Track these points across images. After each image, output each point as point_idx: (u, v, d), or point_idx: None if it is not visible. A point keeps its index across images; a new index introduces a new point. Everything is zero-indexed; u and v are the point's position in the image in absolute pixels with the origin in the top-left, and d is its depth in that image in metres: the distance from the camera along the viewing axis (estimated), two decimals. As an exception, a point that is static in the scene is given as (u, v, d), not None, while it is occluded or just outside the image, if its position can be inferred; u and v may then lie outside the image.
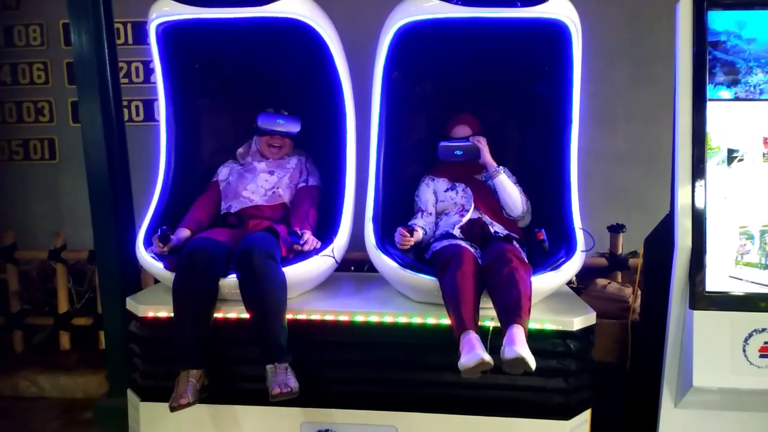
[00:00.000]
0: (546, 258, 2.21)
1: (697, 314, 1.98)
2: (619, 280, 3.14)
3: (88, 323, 3.44)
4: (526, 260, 2.15)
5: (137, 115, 3.90)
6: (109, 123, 2.70)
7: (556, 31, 2.26)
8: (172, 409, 1.98)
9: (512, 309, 1.94)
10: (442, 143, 2.54)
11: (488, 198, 2.52)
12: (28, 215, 3.99)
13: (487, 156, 2.51)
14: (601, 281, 2.95)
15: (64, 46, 3.86)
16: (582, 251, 2.21)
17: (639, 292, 2.62)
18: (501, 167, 2.51)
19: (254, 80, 2.77)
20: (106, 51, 2.67)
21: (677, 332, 2.06)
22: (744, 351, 1.96)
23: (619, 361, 2.58)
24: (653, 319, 2.20)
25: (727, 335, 1.96)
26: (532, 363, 1.81)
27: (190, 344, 2.09)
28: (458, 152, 2.51)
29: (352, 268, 3.10)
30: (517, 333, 1.88)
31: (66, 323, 3.46)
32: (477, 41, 2.45)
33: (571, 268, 2.17)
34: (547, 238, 2.26)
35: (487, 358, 1.83)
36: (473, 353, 1.84)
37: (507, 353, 1.83)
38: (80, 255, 3.46)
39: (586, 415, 2.16)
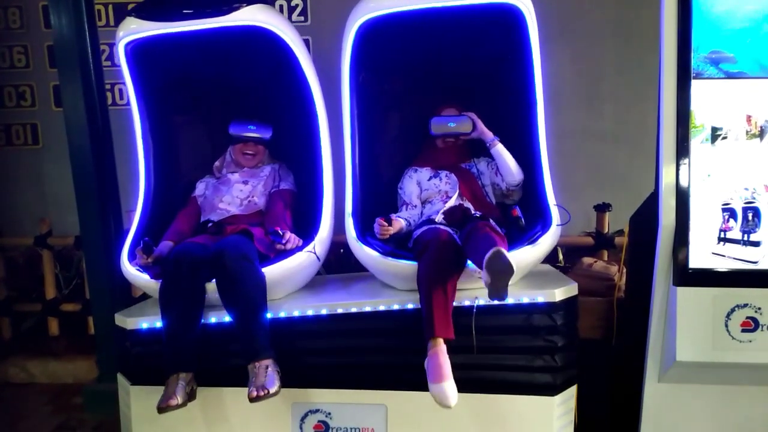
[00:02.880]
0: (523, 234, 2.25)
1: (681, 290, 2.01)
2: (606, 258, 3.17)
3: (77, 309, 3.43)
4: (501, 233, 2.18)
5: (121, 98, 3.85)
6: (91, 107, 2.68)
7: (512, 17, 2.29)
8: (161, 410, 1.96)
9: (488, 245, 1.95)
10: (435, 118, 2.54)
11: (472, 184, 2.53)
12: (13, 201, 3.94)
13: (482, 126, 2.49)
14: (587, 260, 2.97)
15: (44, 29, 3.79)
16: (558, 224, 2.24)
17: (624, 270, 2.64)
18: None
19: (226, 93, 2.74)
20: (87, 33, 2.63)
21: (661, 308, 2.09)
22: (726, 326, 1.99)
23: (604, 337, 2.62)
24: (638, 296, 2.23)
25: (709, 311, 1.99)
26: None
27: (180, 348, 2.10)
28: (452, 123, 2.51)
29: (342, 250, 3.10)
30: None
31: (54, 309, 3.45)
32: (441, 34, 2.47)
33: (547, 241, 2.20)
34: (523, 216, 2.31)
35: (452, 402, 1.88)
36: (440, 387, 1.89)
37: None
38: (66, 241, 3.44)
39: (572, 391, 2.20)
